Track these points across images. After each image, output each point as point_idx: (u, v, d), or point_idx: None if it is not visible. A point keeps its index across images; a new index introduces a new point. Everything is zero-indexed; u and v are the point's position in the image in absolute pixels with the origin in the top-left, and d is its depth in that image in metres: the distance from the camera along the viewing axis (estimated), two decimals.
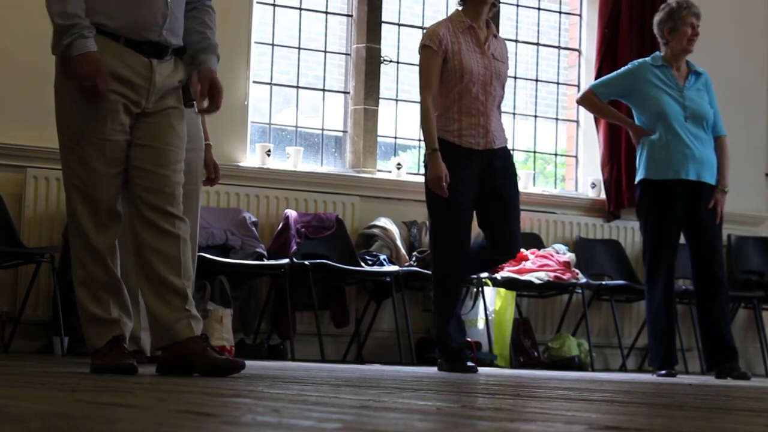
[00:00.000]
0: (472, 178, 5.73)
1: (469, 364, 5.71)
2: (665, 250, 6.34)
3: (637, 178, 6.51)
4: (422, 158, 6.26)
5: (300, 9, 7.77)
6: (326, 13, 7.84)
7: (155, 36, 3.95)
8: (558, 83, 8.63)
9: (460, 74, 5.72)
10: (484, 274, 7.27)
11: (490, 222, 5.81)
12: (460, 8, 5.86)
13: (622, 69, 6.64)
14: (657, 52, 6.55)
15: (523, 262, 7.57)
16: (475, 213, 5.83)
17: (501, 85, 5.83)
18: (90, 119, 3.92)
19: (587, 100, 6.66)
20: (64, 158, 4.03)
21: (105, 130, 3.92)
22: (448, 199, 5.64)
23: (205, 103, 4.09)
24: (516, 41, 8.39)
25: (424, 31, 6.45)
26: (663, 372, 6.29)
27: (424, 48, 5.77)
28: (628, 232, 8.36)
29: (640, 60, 6.61)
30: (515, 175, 5.90)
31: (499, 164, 5.79)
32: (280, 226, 7.16)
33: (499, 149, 5.80)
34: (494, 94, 5.79)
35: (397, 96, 8.00)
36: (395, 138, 8.03)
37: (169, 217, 3.97)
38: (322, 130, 7.77)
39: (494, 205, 5.78)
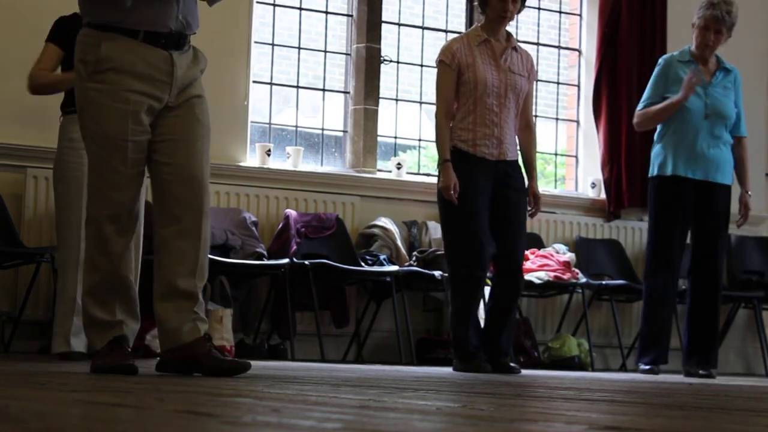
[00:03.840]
0: (486, 186, 5.81)
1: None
2: (670, 247, 6.30)
3: (650, 173, 6.47)
4: (422, 159, 6.31)
5: (300, 9, 7.77)
6: (326, 12, 7.84)
7: (173, 23, 3.92)
8: (558, 83, 8.63)
9: (474, 85, 5.82)
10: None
11: (499, 230, 5.83)
12: (480, 23, 6.00)
13: (655, 74, 6.48)
14: (687, 47, 6.48)
15: (524, 262, 7.56)
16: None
17: (516, 98, 5.89)
18: (112, 121, 3.89)
19: (641, 123, 6.48)
20: (89, 162, 4.00)
21: (127, 131, 3.89)
22: (462, 205, 5.73)
23: None
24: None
25: (426, 31, 6.47)
26: (648, 368, 6.27)
27: (438, 63, 5.93)
28: (629, 232, 8.35)
29: (667, 56, 6.52)
30: (525, 189, 5.95)
31: (514, 175, 5.88)
32: (280, 226, 7.15)
33: (512, 161, 5.87)
34: (509, 106, 5.87)
35: (397, 96, 8.00)
36: (395, 138, 8.03)
37: (196, 212, 3.96)
38: (322, 130, 7.77)
39: (505, 213, 5.83)
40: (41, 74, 5.62)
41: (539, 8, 8.56)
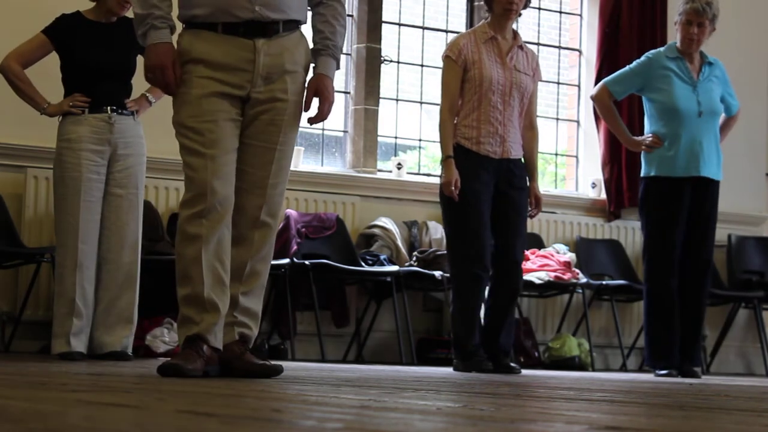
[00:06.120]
0: (489, 182, 5.80)
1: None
2: (671, 249, 6.29)
3: (643, 173, 6.42)
4: (423, 159, 6.30)
5: None
6: None
7: (248, 13, 3.84)
8: (558, 83, 8.63)
9: (480, 83, 5.81)
10: None
11: (499, 227, 5.83)
12: (486, 20, 5.97)
13: (636, 63, 6.45)
14: (672, 42, 6.45)
15: (524, 262, 7.56)
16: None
17: (521, 96, 5.88)
18: (186, 106, 3.84)
19: (600, 98, 6.45)
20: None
21: (196, 113, 3.82)
22: (465, 202, 5.73)
23: (313, 111, 4.00)
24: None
25: (427, 32, 6.45)
26: (664, 372, 6.26)
27: (444, 58, 5.90)
28: (629, 232, 8.35)
29: (654, 51, 6.45)
30: (527, 188, 5.94)
31: (517, 173, 5.87)
32: (281, 226, 7.15)
33: (515, 159, 5.86)
34: (513, 104, 5.86)
35: (397, 96, 8.00)
36: (396, 138, 8.03)
37: (254, 221, 3.92)
38: (323, 129, 7.77)
39: (506, 211, 5.82)
40: (17, 66, 5.64)
41: (539, 8, 8.56)
